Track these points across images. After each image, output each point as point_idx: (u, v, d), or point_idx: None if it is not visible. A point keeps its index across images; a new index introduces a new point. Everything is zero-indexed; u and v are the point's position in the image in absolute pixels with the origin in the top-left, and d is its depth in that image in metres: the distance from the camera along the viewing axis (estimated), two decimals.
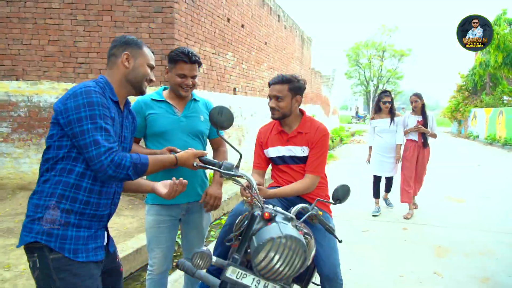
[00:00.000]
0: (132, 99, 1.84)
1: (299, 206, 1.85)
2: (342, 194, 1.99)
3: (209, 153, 1.96)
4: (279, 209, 1.72)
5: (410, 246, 4.12)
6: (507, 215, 5.39)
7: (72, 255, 1.47)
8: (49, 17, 5.42)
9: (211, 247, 2.89)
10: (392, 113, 5.24)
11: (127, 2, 5.34)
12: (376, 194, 5.47)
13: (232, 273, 1.54)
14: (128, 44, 1.67)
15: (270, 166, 2.53)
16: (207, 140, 2.42)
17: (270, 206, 1.72)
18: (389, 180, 5.56)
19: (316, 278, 2.37)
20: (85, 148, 1.45)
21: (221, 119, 1.83)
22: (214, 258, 1.59)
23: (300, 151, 2.30)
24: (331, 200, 2.07)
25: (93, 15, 5.37)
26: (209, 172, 2.78)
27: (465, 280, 3.32)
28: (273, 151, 2.37)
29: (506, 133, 15.90)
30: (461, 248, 4.07)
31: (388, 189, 5.67)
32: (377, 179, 5.45)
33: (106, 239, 1.64)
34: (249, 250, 1.59)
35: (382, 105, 5.25)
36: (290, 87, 2.22)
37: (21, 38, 5.47)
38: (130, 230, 4.33)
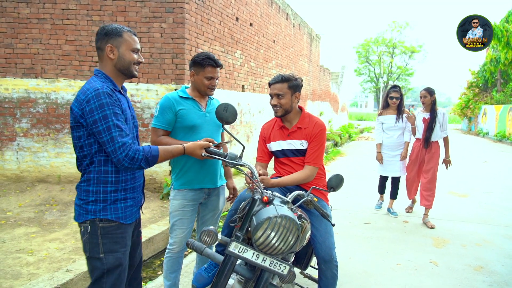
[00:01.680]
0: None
1: (296, 192, 2.06)
2: (335, 182, 2.19)
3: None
4: (277, 194, 1.93)
5: (409, 237, 4.29)
6: (508, 209, 5.51)
7: (123, 221, 1.83)
8: (66, 18, 5.70)
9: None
10: (399, 109, 5.01)
11: (140, 3, 5.57)
12: (381, 190, 5.42)
13: (234, 248, 1.76)
14: (108, 35, 1.79)
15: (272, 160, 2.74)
16: None
17: (269, 192, 1.93)
18: (395, 182, 5.18)
19: (315, 263, 2.58)
20: (104, 145, 1.72)
21: (226, 114, 2.09)
22: (219, 236, 1.82)
23: (299, 144, 2.50)
24: (326, 189, 2.27)
25: (108, 15, 5.63)
26: None
27: (459, 268, 3.49)
28: (275, 145, 2.58)
29: None
30: (459, 240, 4.22)
31: (393, 195, 5.24)
32: (383, 179, 5.31)
33: (143, 201, 2.01)
34: (249, 229, 1.81)
35: (389, 101, 5.01)
36: (289, 85, 2.42)
37: (40, 38, 5.76)
38: (142, 221, 4.59)
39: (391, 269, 3.47)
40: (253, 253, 1.74)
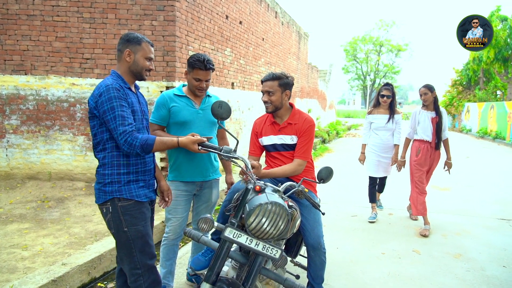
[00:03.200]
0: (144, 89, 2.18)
1: (287, 183, 2.19)
2: (325, 174, 2.32)
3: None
4: (268, 184, 2.07)
5: (393, 229, 4.49)
6: (486, 202, 5.78)
7: (138, 199, 2.09)
8: (57, 15, 5.70)
9: None
10: (391, 110, 4.73)
11: (130, 1, 5.61)
12: (372, 199, 4.92)
13: (229, 233, 1.89)
14: (129, 41, 2.10)
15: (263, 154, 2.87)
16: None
17: (262, 182, 2.06)
18: (382, 180, 5.06)
19: (304, 252, 2.72)
20: (112, 132, 2.01)
21: (220, 111, 2.24)
22: (215, 223, 1.94)
23: (289, 139, 2.64)
24: (316, 180, 2.40)
25: (99, 13, 5.66)
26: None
27: (439, 256, 3.69)
28: (267, 140, 2.71)
29: (496, 126, 16.31)
30: (440, 230, 4.44)
31: (381, 189, 5.14)
32: (372, 181, 4.91)
33: (155, 185, 2.29)
34: (243, 216, 1.94)
35: (380, 99, 4.71)
36: (280, 83, 2.55)
37: (30, 34, 5.75)
38: None
39: (376, 258, 3.65)
40: (247, 238, 1.87)
